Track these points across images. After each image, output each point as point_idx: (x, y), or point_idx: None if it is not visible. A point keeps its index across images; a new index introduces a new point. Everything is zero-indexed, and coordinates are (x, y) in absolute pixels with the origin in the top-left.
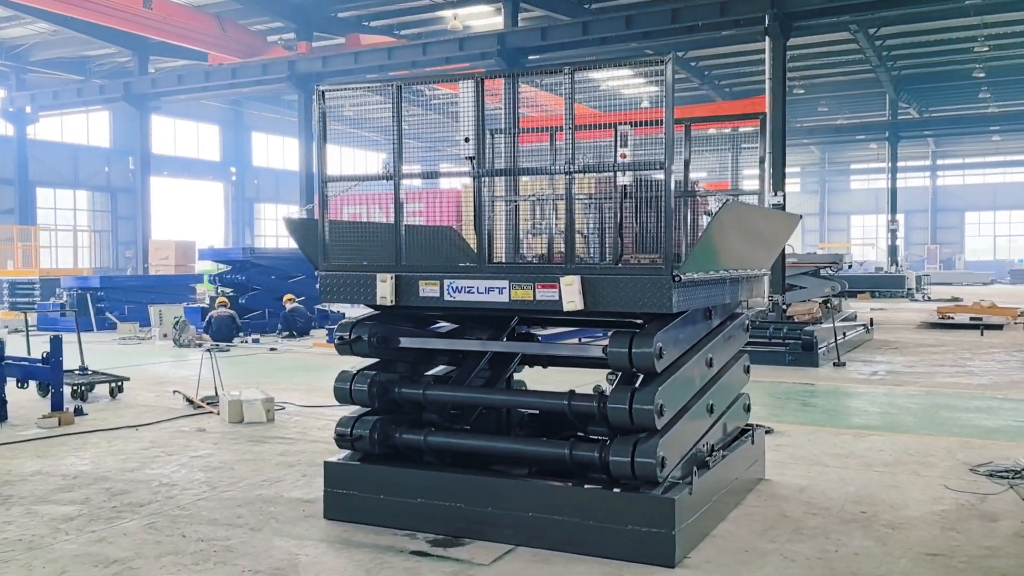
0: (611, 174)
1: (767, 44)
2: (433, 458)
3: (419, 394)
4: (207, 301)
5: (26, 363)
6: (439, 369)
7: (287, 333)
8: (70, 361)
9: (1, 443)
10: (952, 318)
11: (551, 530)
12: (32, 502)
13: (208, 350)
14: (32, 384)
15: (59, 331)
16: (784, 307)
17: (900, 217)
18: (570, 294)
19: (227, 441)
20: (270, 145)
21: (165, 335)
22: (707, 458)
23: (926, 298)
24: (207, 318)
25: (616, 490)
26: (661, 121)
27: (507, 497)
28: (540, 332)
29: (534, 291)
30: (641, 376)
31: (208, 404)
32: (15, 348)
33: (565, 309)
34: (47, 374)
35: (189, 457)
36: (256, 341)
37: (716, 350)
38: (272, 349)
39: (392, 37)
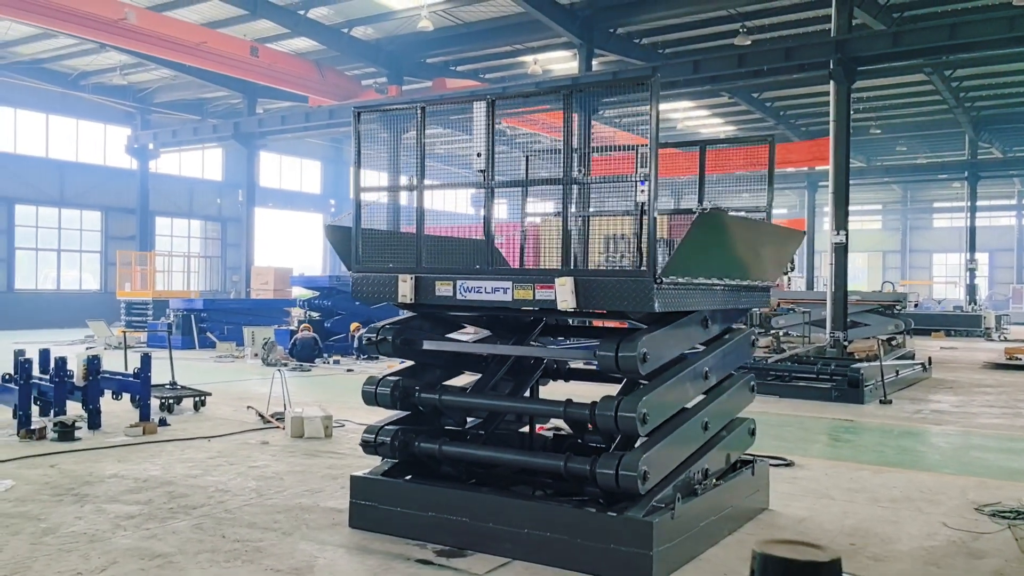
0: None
1: (831, 88)
2: (450, 467)
3: (435, 399)
4: (295, 324)
5: (120, 377)
6: (471, 380)
7: (366, 356)
8: (164, 376)
9: (91, 448)
10: (1020, 359)
11: (545, 546)
12: (104, 501)
13: (278, 369)
14: (126, 396)
15: (165, 348)
16: (845, 344)
17: (984, 256)
18: (563, 293)
19: (284, 454)
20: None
21: (256, 355)
22: (698, 485)
23: (1003, 338)
24: (292, 340)
25: (607, 512)
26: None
27: (506, 513)
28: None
29: (534, 291)
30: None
31: (276, 419)
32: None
33: (559, 308)
34: (137, 388)
35: (247, 467)
36: (336, 362)
37: (713, 363)
38: (349, 370)
39: (477, 81)
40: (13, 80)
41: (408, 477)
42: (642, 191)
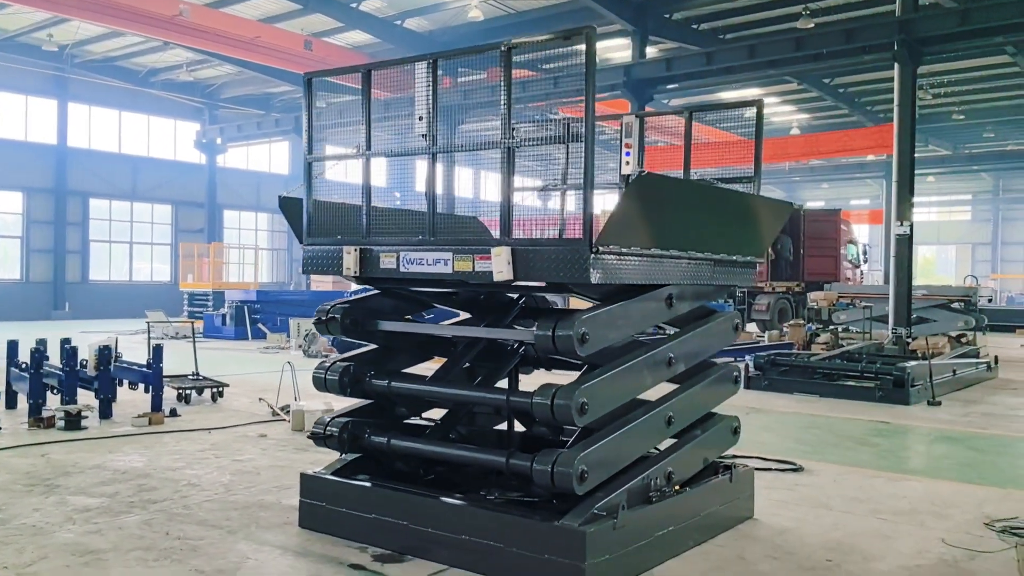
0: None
1: (895, 70)
2: (403, 464)
3: (386, 386)
4: None
5: (136, 368)
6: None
7: None
8: (209, 368)
9: (91, 438)
10: None
11: (482, 555)
12: (71, 493)
13: (288, 362)
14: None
15: (221, 338)
16: (908, 340)
17: None
18: (499, 264)
19: (276, 448)
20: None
21: (299, 346)
22: (656, 491)
23: None
24: None
25: (551, 520)
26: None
27: (444, 518)
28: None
29: (473, 262)
30: None
31: (284, 413)
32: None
33: (495, 280)
34: (150, 378)
35: (231, 460)
36: None
37: (680, 349)
38: None
39: (532, 71)
40: (87, 78)
41: (363, 475)
42: (626, 162)
